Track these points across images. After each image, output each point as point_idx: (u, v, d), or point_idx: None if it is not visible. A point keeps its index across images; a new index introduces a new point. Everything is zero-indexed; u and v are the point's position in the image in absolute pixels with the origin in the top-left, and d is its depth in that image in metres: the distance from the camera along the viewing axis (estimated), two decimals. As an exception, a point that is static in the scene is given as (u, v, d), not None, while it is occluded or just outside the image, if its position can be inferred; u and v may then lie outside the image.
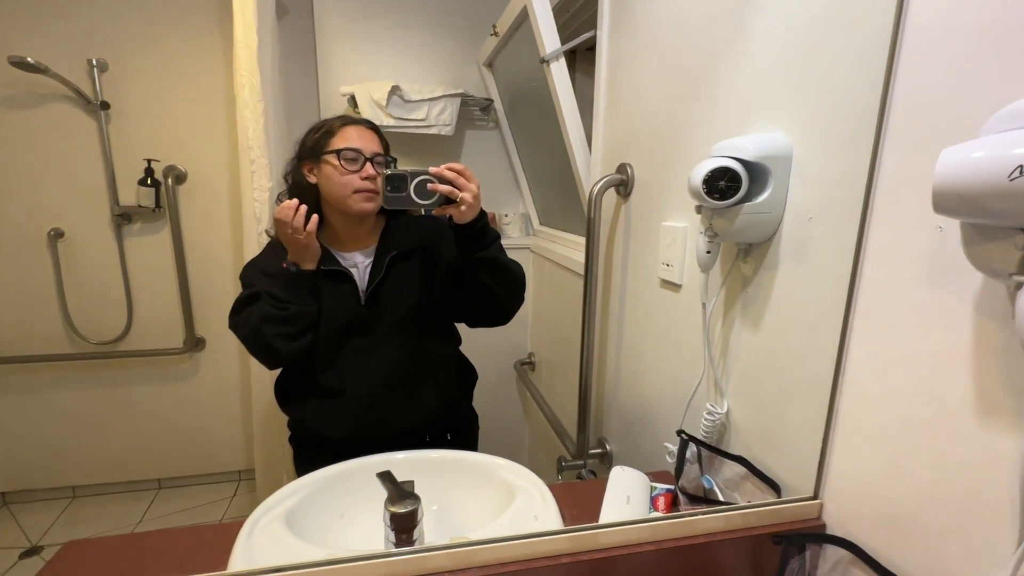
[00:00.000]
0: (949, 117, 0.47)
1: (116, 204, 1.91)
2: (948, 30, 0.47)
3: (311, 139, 0.98)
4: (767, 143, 0.66)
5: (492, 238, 0.94)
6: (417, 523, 0.65)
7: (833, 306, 0.60)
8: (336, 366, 0.99)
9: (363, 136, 0.97)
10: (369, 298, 0.98)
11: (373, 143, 0.98)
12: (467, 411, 1.16)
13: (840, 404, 0.61)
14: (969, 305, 0.46)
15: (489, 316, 1.04)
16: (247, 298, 0.96)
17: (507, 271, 0.97)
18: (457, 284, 1.00)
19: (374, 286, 0.98)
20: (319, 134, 0.97)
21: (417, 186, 0.86)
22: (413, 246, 1.02)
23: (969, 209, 0.37)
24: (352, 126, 0.97)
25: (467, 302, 1.02)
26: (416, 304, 1.01)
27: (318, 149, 0.96)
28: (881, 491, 0.56)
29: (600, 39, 1.17)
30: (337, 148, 0.94)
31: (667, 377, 0.99)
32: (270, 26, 1.59)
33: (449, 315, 1.08)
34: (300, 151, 1.00)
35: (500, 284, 0.96)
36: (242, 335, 0.95)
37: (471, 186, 0.87)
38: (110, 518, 2.00)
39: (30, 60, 1.65)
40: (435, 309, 1.03)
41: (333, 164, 0.94)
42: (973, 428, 0.46)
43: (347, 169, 0.94)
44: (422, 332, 1.03)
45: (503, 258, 0.97)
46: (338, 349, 0.99)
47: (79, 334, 1.98)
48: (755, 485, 0.73)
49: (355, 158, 0.94)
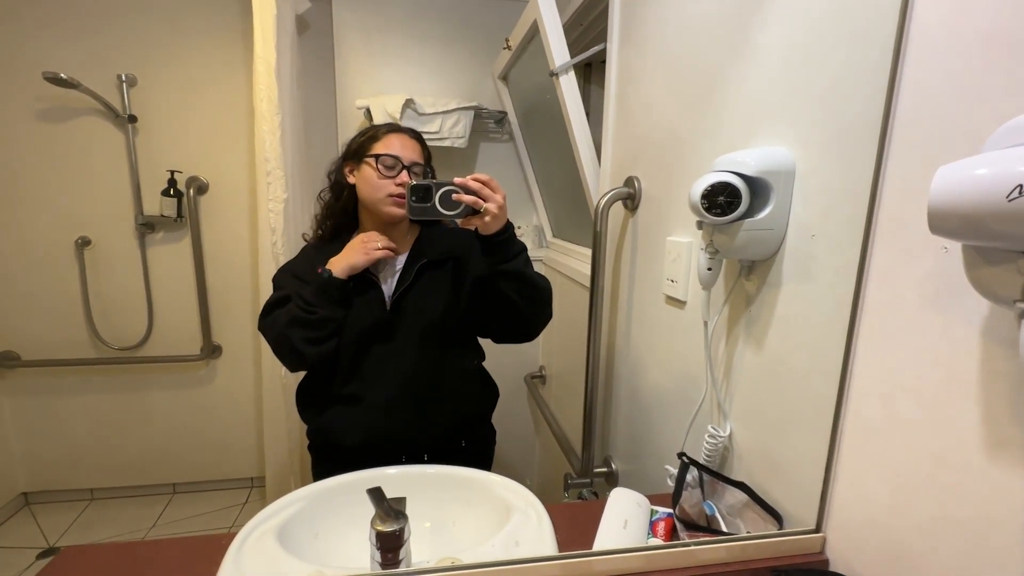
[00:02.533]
0: (954, 131, 0.45)
1: (140, 214, 1.97)
2: (953, 40, 0.45)
3: (356, 142, 1.01)
4: (769, 158, 0.64)
5: (518, 250, 0.92)
6: (403, 543, 0.63)
7: (837, 327, 0.57)
8: (357, 372, 0.99)
9: (405, 145, 0.99)
10: (394, 304, 0.98)
11: (414, 153, 0.99)
12: (487, 428, 1.15)
13: (844, 431, 0.58)
14: (976, 330, 0.43)
15: (514, 331, 1.02)
16: (277, 301, 0.99)
17: (532, 284, 0.95)
18: (482, 297, 0.98)
19: (400, 292, 0.98)
20: (364, 138, 1.00)
21: (442, 197, 0.86)
22: (444, 256, 1.02)
23: (967, 231, 0.35)
24: (396, 134, 1.00)
25: (492, 316, 1.00)
26: (441, 314, 1.00)
27: (361, 152, 0.99)
28: (886, 525, 0.53)
29: (610, 52, 1.16)
30: (377, 153, 0.97)
31: (671, 396, 0.96)
32: (290, 41, 1.63)
33: (475, 329, 1.07)
34: (345, 152, 1.03)
35: (525, 297, 0.94)
36: (270, 337, 0.97)
37: (496, 197, 0.85)
38: (125, 521, 2.04)
39: (63, 75, 1.72)
40: (460, 321, 1.02)
41: (372, 168, 0.96)
42: (982, 462, 0.43)
43: (384, 175, 0.96)
44: (445, 343, 1.02)
45: (529, 271, 0.94)
46: (361, 355, 0.99)
47: (102, 339, 2.03)
48: (757, 514, 0.70)
49: (393, 165, 0.96)
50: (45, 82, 1.72)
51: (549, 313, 1.01)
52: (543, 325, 1.01)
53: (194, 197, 1.99)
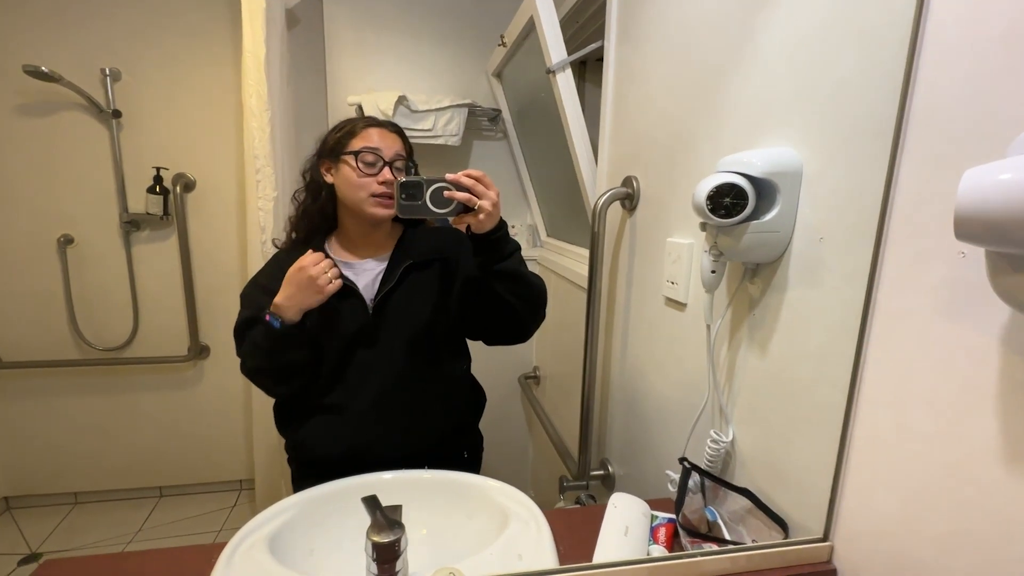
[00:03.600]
0: (972, 133, 0.43)
1: (125, 211, 1.93)
2: (971, 39, 0.44)
3: (333, 138, 0.96)
4: (775, 159, 0.62)
5: (512, 249, 0.89)
6: (400, 554, 0.61)
7: (845, 334, 0.56)
8: (339, 380, 0.95)
9: (384, 138, 0.94)
10: (377, 307, 0.94)
11: (395, 146, 0.95)
12: (475, 434, 1.11)
13: (852, 440, 0.57)
14: (994, 339, 0.42)
15: (507, 332, 0.99)
16: (245, 322, 0.94)
17: (526, 284, 0.92)
18: (474, 297, 0.95)
19: (383, 295, 0.94)
20: (341, 133, 0.95)
21: (433, 194, 0.82)
22: (430, 256, 0.98)
23: (995, 237, 0.34)
24: (375, 128, 0.95)
25: (485, 317, 0.97)
26: (428, 317, 0.97)
27: (338, 149, 0.94)
28: (898, 537, 0.51)
29: (608, 50, 1.14)
30: (356, 149, 0.92)
31: (671, 400, 0.94)
32: (279, 36, 1.59)
33: (465, 331, 1.03)
34: (320, 148, 0.98)
35: (519, 297, 0.91)
36: (245, 371, 0.96)
37: (490, 194, 0.82)
38: (110, 526, 1.99)
39: (44, 69, 1.67)
40: (448, 324, 0.99)
41: (351, 165, 0.92)
42: (999, 476, 0.42)
43: (364, 172, 0.91)
44: (430, 348, 0.98)
45: (523, 270, 0.92)
46: (343, 363, 0.95)
47: (85, 340, 1.98)
48: (761, 521, 0.68)
49: (374, 161, 0.92)
50: (26, 75, 1.67)
51: (543, 313, 0.98)
52: (537, 326, 0.98)
53: (180, 194, 1.95)
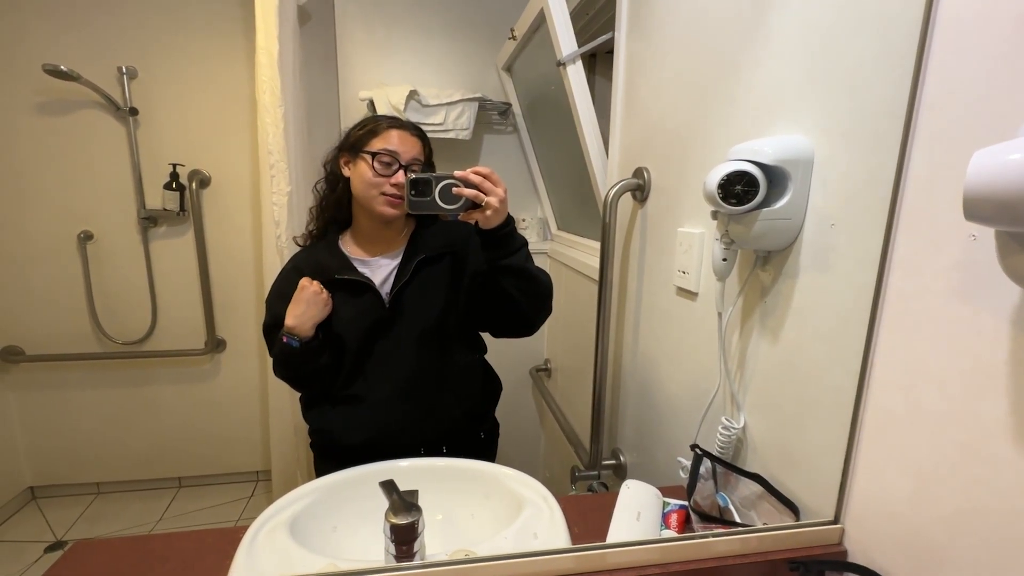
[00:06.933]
0: (984, 116, 0.44)
1: (143, 207, 1.96)
2: (984, 21, 0.44)
3: (355, 134, 0.98)
4: (787, 146, 0.63)
5: (518, 245, 0.91)
6: (417, 535, 0.63)
7: (856, 318, 0.56)
8: (359, 372, 0.98)
9: (404, 141, 0.96)
10: (393, 301, 0.97)
11: (414, 149, 0.96)
12: (490, 422, 1.14)
13: (864, 422, 0.57)
14: (1006, 320, 0.42)
15: (513, 326, 1.01)
16: (266, 329, 1.02)
17: (533, 280, 0.94)
18: (482, 291, 0.97)
19: (399, 289, 0.97)
20: (363, 131, 0.97)
21: (442, 190, 0.84)
22: (441, 251, 1.00)
23: (1005, 217, 0.34)
24: (396, 130, 0.96)
25: (491, 310, 0.99)
26: (441, 309, 0.99)
27: (358, 145, 0.96)
28: (908, 518, 0.52)
29: (618, 41, 1.15)
30: (375, 149, 0.94)
31: (682, 388, 0.95)
32: (292, 32, 1.61)
33: (474, 324, 1.06)
34: (343, 142, 1.00)
35: (525, 293, 0.93)
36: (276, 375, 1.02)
37: (498, 190, 0.84)
38: (131, 515, 2.04)
39: (63, 68, 1.71)
40: (460, 316, 1.01)
41: (368, 164, 0.94)
42: (1010, 454, 0.42)
43: (379, 172, 0.93)
44: (445, 338, 1.01)
45: (529, 266, 0.93)
46: (363, 356, 0.98)
47: (105, 334, 2.03)
48: (772, 505, 0.69)
49: (390, 163, 0.94)
50: (45, 75, 1.71)
51: (549, 308, 1.00)
52: (543, 320, 1.00)
53: (196, 190, 1.98)
